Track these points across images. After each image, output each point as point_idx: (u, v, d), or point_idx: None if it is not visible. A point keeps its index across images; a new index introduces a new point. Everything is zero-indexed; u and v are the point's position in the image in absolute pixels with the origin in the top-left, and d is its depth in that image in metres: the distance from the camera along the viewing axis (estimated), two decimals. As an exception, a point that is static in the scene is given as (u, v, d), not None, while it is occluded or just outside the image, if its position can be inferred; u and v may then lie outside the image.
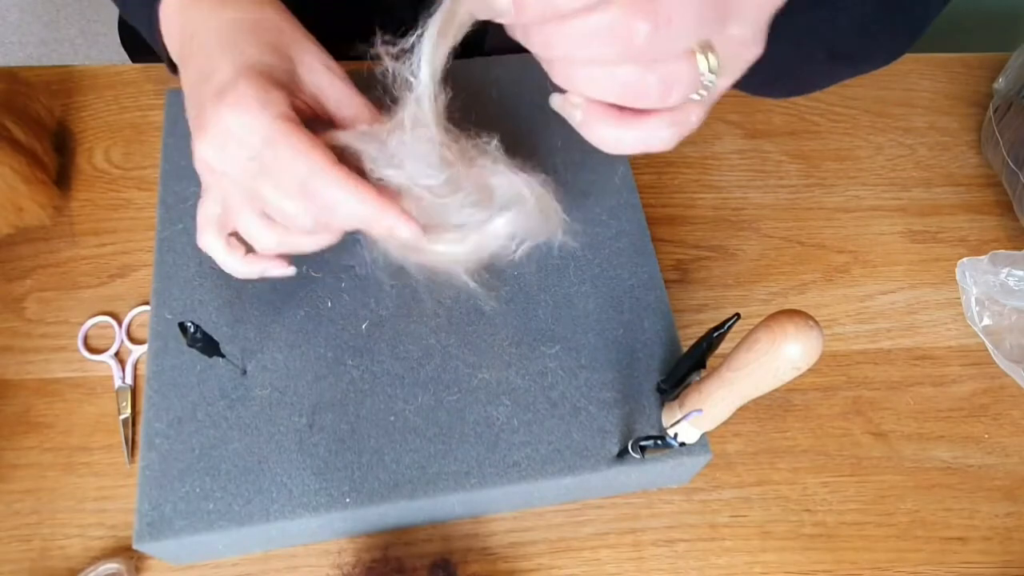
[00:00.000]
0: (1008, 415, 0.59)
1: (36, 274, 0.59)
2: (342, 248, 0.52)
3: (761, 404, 0.57)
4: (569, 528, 0.52)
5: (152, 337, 0.49)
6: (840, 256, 0.65)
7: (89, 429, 0.54)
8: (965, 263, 0.63)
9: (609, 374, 0.49)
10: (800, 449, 0.56)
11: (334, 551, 0.50)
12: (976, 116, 0.74)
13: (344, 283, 0.51)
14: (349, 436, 0.47)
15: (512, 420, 0.47)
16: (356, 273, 0.52)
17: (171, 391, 0.47)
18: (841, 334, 0.61)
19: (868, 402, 0.59)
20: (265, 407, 0.47)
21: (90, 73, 0.69)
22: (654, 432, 0.46)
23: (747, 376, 0.36)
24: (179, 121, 0.57)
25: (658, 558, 0.52)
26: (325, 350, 0.49)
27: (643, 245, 0.54)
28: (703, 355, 0.44)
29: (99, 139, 0.65)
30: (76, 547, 0.50)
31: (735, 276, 0.63)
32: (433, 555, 0.50)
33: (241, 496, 0.45)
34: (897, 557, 0.53)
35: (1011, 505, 0.55)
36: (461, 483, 0.46)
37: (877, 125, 0.72)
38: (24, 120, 0.59)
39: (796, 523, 0.54)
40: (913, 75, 0.76)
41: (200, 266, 0.51)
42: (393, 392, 0.48)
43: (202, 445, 0.46)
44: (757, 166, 0.69)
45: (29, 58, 1.74)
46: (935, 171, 0.70)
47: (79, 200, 0.62)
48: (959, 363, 0.61)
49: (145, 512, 0.44)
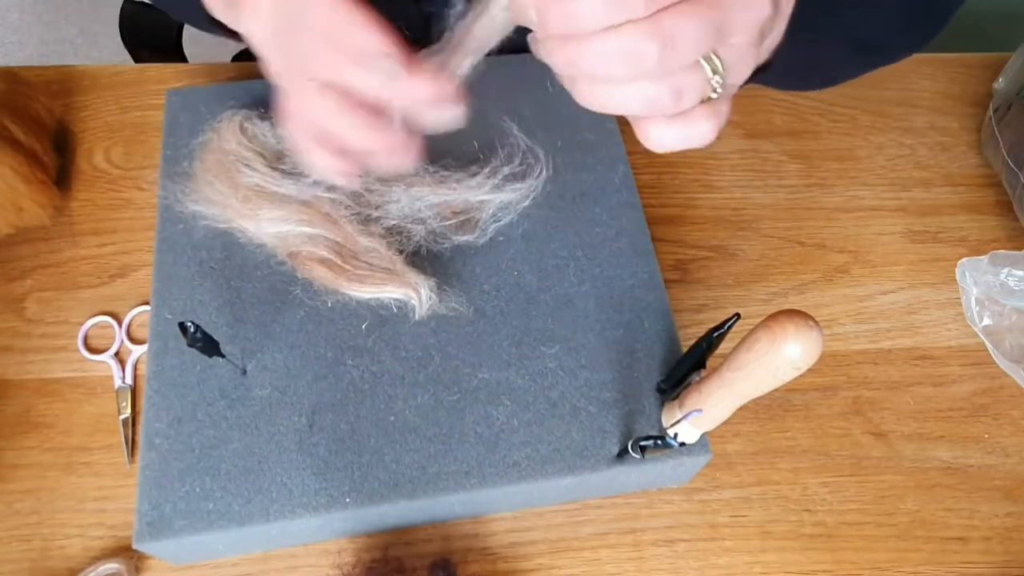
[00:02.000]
0: (1008, 415, 0.59)
1: (36, 274, 0.59)
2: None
3: (761, 404, 0.57)
4: (569, 528, 0.52)
5: (152, 337, 0.49)
6: (840, 256, 0.65)
7: (89, 429, 0.54)
8: (965, 263, 0.63)
9: (609, 374, 0.49)
10: (800, 449, 0.56)
11: (334, 551, 0.50)
12: (976, 116, 0.74)
13: (344, 283, 0.51)
14: (349, 436, 0.47)
15: (512, 420, 0.47)
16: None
17: (171, 391, 0.47)
18: (841, 334, 0.61)
19: (868, 402, 0.59)
20: (265, 407, 0.47)
21: (90, 73, 0.69)
22: (654, 432, 0.46)
23: (747, 376, 0.36)
24: (179, 121, 0.57)
25: (658, 558, 0.52)
26: (325, 350, 0.49)
27: (643, 245, 0.54)
28: (703, 355, 0.44)
29: (99, 139, 0.65)
30: (76, 547, 0.50)
31: (735, 276, 0.63)
32: (433, 555, 0.50)
33: (241, 496, 0.45)
34: (897, 557, 0.53)
35: (1011, 505, 0.55)
36: (461, 483, 0.46)
37: (877, 125, 0.72)
38: (24, 120, 0.59)
39: (796, 523, 0.54)
40: (913, 75, 0.76)
41: (200, 266, 0.51)
42: (393, 392, 0.48)
43: (202, 445, 0.46)
44: (757, 166, 0.69)
45: (29, 58, 1.74)
46: (935, 171, 0.70)
47: (79, 200, 0.62)
48: (959, 363, 0.61)
49: (145, 512, 0.44)
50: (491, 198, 0.54)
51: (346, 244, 0.51)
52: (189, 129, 0.57)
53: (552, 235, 0.54)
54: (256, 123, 0.55)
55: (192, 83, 0.68)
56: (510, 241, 0.54)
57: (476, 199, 0.54)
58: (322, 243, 0.50)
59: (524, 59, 0.37)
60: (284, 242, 0.51)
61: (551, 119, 0.59)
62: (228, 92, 0.59)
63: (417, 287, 0.49)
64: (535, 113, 0.58)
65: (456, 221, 0.53)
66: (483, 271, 0.53)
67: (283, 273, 0.51)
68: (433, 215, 0.53)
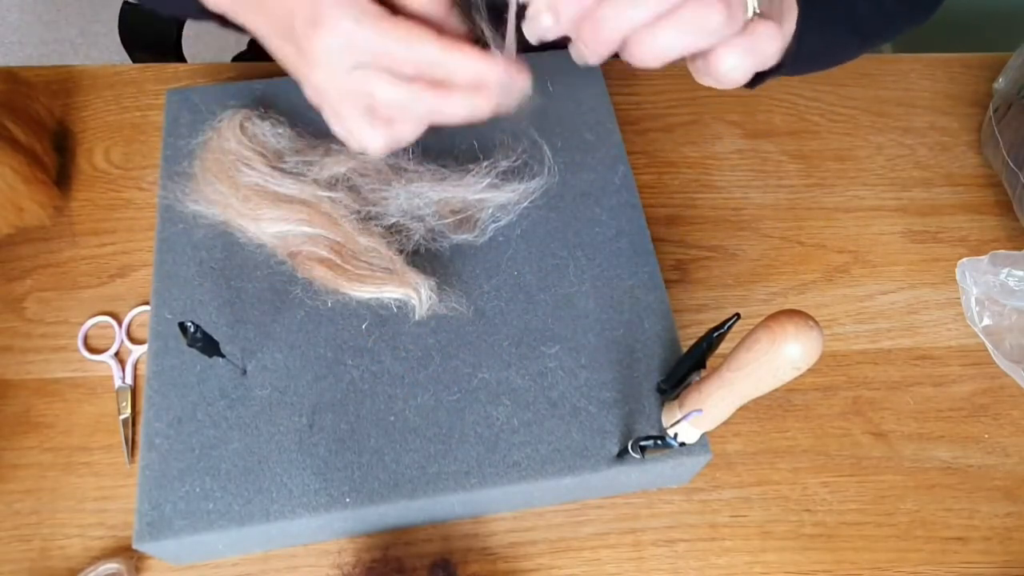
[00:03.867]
0: (1008, 415, 0.59)
1: (36, 274, 0.59)
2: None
3: (761, 404, 0.57)
4: (569, 528, 0.52)
5: (152, 337, 0.49)
6: (840, 256, 0.65)
7: (89, 429, 0.54)
8: (965, 263, 0.63)
9: (609, 374, 0.49)
10: (800, 449, 0.56)
11: (334, 551, 0.50)
12: (976, 116, 0.74)
13: (344, 283, 0.51)
14: (349, 436, 0.47)
15: (512, 420, 0.47)
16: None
17: (171, 391, 0.47)
18: (841, 334, 0.61)
19: (868, 402, 0.59)
20: (265, 407, 0.47)
21: (90, 73, 0.69)
22: (654, 432, 0.46)
23: (747, 376, 0.36)
24: (179, 121, 0.57)
25: (658, 558, 0.52)
26: (325, 350, 0.49)
27: (643, 245, 0.54)
28: (703, 355, 0.44)
29: (99, 139, 0.65)
30: (76, 547, 0.50)
31: (735, 276, 0.63)
32: (433, 555, 0.50)
33: (241, 496, 0.45)
34: (897, 557, 0.53)
35: (1011, 505, 0.55)
36: (461, 483, 0.46)
37: (877, 125, 0.72)
38: (24, 120, 0.59)
39: (796, 523, 0.54)
40: (913, 75, 0.76)
41: (200, 266, 0.51)
42: (393, 392, 0.48)
43: (202, 445, 0.46)
44: (757, 166, 0.69)
45: (29, 58, 1.74)
46: (935, 171, 0.70)
47: (79, 200, 0.62)
48: (959, 363, 0.61)
49: (145, 512, 0.44)
50: (490, 196, 0.54)
51: (346, 244, 0.51)
52: (189, 129, 0.57)
53: (552, 235, 0.54)
54: (256, 123, 0.55)
55: (192, 83, 0.68)
56: (510, 241, 0.54)
57: (475, 197, 0.54)
58: (322, 243, 0.50)
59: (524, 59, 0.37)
60: (284, 242, 0.51)
61: (551, 119, 0.59)
62: (228, 92, 0.59)
63: (417, 287, 0.49)
64: (535, 113, 0.58)
65: (455, 219, 0.53)
66: (483, 271, 0.53)
67: (283, 273, 0.51)
68: (432, 213, 0.53)
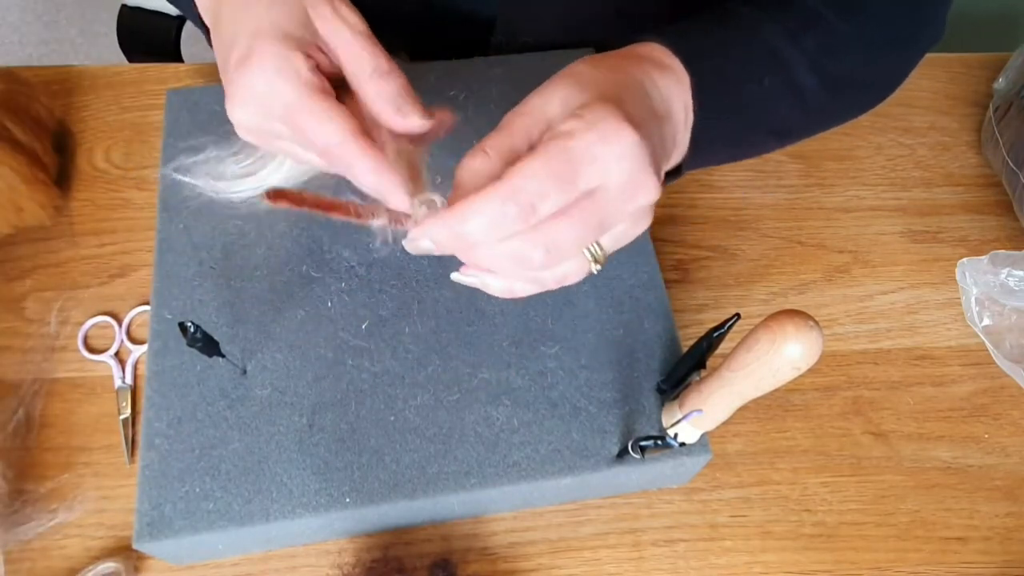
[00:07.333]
0: (1008, 415, 0.59)
1: (36, 274, 0.59)
2: (342, 248, 0.52)
3: (761, 404, 0.57)
4: (569, 528, 0.52)
5: (152, 337, 0.49)
6: (840, 256, 0.65)
7: (89, 429, 0.54)
8: (965, 263, 0.63)
9: (609, 374, 0.49)
10: (800, 449, 0.56)
11: (334, 551, 0.50)
12: (976, 116, 0.74)
13: (344, 283, 0.51)
14: (349, 436, 0.47)
15: (512, 420, 0.47)
16: (356, 273, 0.52)
17: (171, 391, 0.47)
18: (841, 334, 0.61)
19: (868, 402, 0.59)
20: (265, 407, 0.47)
21: (90, 73, 0.69)
22: (654, 432, 0.46)
23: (747, 376, 0.36)
24: (179, 121, 0.57)
25: (658, 558, 0.52)
26: (325, 350, 0.49)
27: (643, 245, 0.54)
28: (703, 355, 0.44)
29: (99, 139, 0.65)
30: (76, 547, 0.50)
31: (735, 276, 0.63)
32: (433, 555, 0.50)
33: (241, 496, 0.45)
34: (897, 557, 0.53)
35: (1011, 505, 0.55)
36: (461, 483, 0.46)
37: (877, 125, 0.72)
38: (24, 120, 0.59)
39: (796, 523, 0.54)
40: (913, 75, 0.75)
41: (200, 266, 0.51)
42: (393, 392, 0.48)
43: (202, 445, 0.46)
44: (757, 166, 0.69)
45: (29, 58, 1.74)
46: (935, 171, 0.70)
47: (79, 200, 0.62)
48: (959, 363, 0.61)
49: (145, 512, 0.44)
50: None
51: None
52: (189, 129, 0.57)
53: (552, 235, 0.54)
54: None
55: (192, 83, 0.68)
56: (510, 241, 0.54)
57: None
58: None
59: (525, 59, 0.37)
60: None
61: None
62: (228, 92, 0.59)
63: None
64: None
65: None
66: (483, 271, 0.53)
67: (283, 273, 0.51)
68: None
